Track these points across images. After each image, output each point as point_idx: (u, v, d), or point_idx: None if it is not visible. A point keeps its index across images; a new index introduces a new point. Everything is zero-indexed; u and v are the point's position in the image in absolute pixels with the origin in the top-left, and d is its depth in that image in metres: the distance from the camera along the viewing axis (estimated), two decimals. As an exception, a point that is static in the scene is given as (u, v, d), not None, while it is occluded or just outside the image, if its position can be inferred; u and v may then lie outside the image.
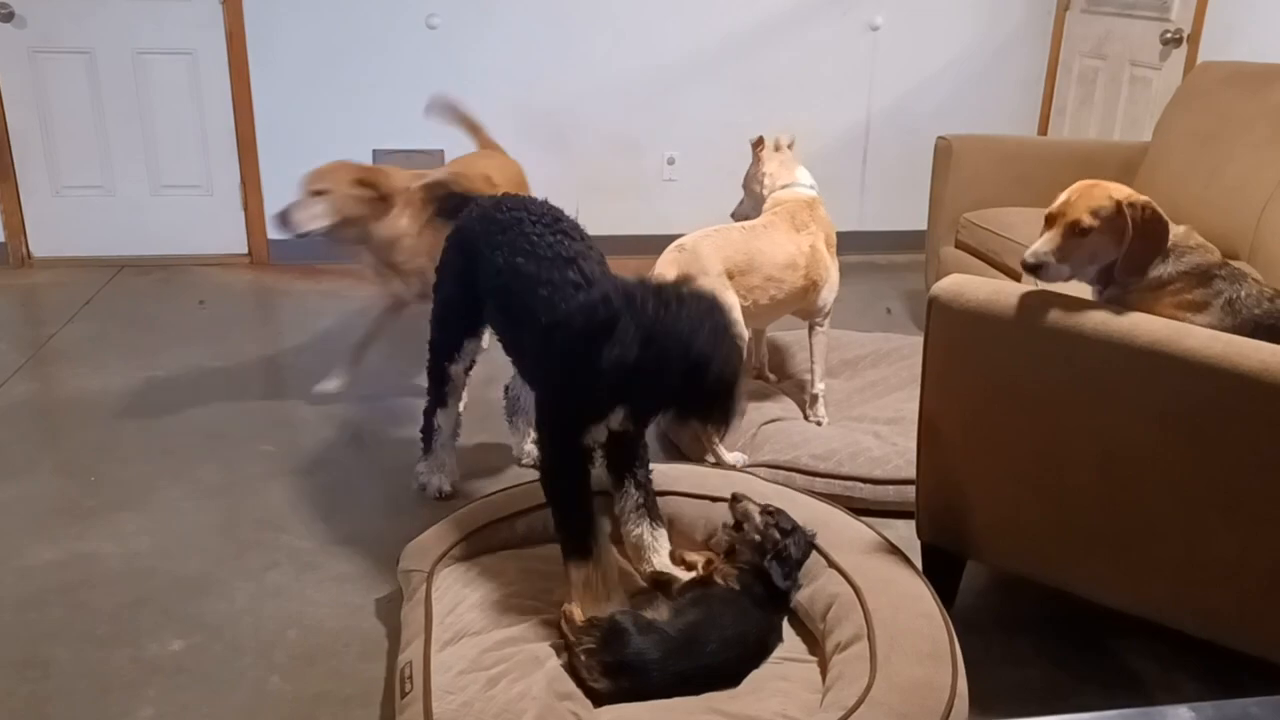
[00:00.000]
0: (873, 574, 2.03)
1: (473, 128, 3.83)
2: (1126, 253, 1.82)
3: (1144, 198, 1.86)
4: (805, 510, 2.28)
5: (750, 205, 3.21)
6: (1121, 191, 1.87)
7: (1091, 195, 1.83)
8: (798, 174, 3.12)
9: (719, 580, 2.03)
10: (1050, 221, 1.86)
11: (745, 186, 3.25)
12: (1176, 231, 1.98)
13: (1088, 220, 1.80)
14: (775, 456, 2.83)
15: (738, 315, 2.77)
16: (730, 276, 2.77)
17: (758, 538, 2.06)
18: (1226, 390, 1.69)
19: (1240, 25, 3.91)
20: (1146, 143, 3.88)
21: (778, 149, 3.17)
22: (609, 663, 1.81)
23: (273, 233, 4.72)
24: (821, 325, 3.06)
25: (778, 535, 2.06)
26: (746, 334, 2.81)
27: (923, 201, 4.14)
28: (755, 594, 2.01)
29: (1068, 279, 1.82)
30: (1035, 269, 1.80)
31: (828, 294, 3.03)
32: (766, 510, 2.12)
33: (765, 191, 3.10)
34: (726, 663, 1.88)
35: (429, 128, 4.76)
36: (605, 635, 1.84)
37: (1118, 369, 1.80)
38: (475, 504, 2.35)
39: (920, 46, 5.03)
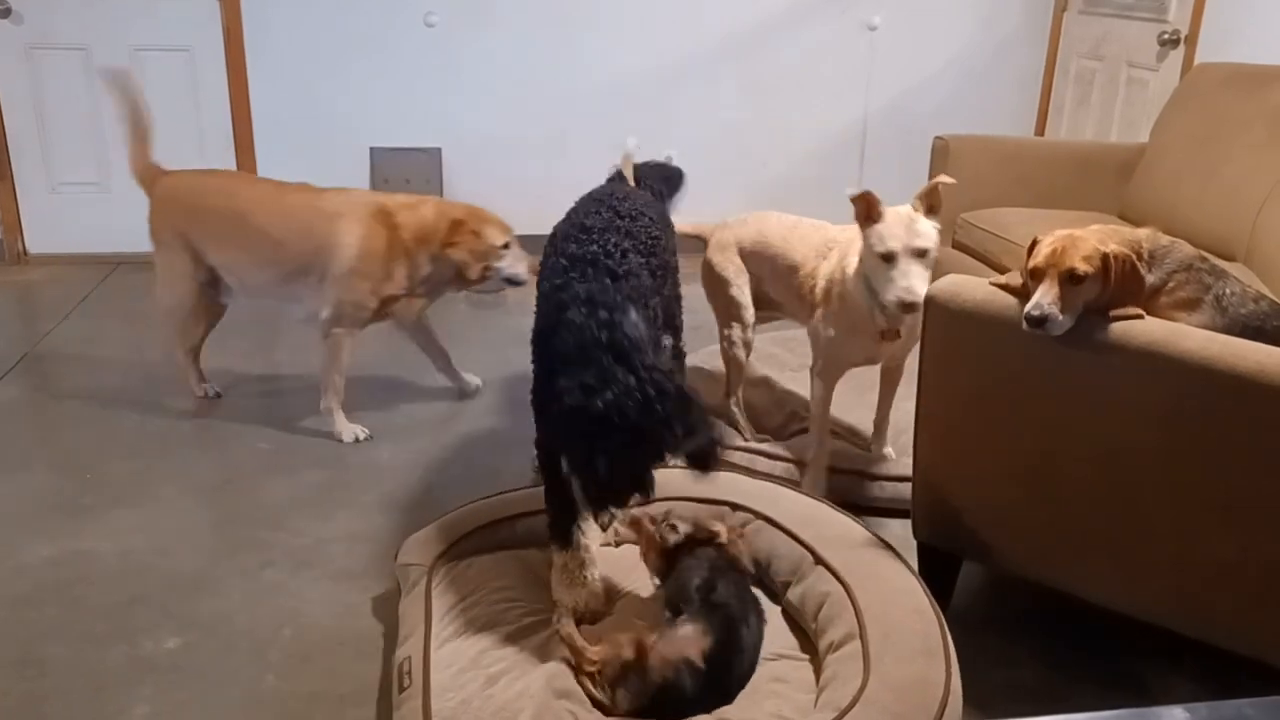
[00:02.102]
0: (861, 570, 2.03)
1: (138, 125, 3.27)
2: (1114, 294, 1.84)
3: (1122, 249, 1.88)
4: (793, 506, 2.28)
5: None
6: (1101, 241, 1.89)
7: (1079, 245, 1.85)
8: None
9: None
10: (1038, 275, 1.86)
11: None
12: (1141, 234, 1.99)
13: (1083, 267, 1.82)
14: (771, 448, 2.84)
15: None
16: (742, 254, 2.87)
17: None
18: (1223, 391, 1.69)
19: (1238, 27, 3.91)
20: (1143, 144, 3.88)
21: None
22: (646, 707, 1.77)
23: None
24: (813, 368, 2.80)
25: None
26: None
27: (920, 201, 4.14)
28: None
29: (1066, 330, 1.82)
30: (1040, 322, 1.81)
31: (810, 338, 2.75)
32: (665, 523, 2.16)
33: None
34: (741, 679, 1.86)
35: (427, 126, 4.78)
36: (658, 692, 1.76)
37: (1114, 370, 1.80)
38: (476, 504, 2.34)
39: (918, 46, 5.03)
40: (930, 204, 2.47)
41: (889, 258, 2.38)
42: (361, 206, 3.03)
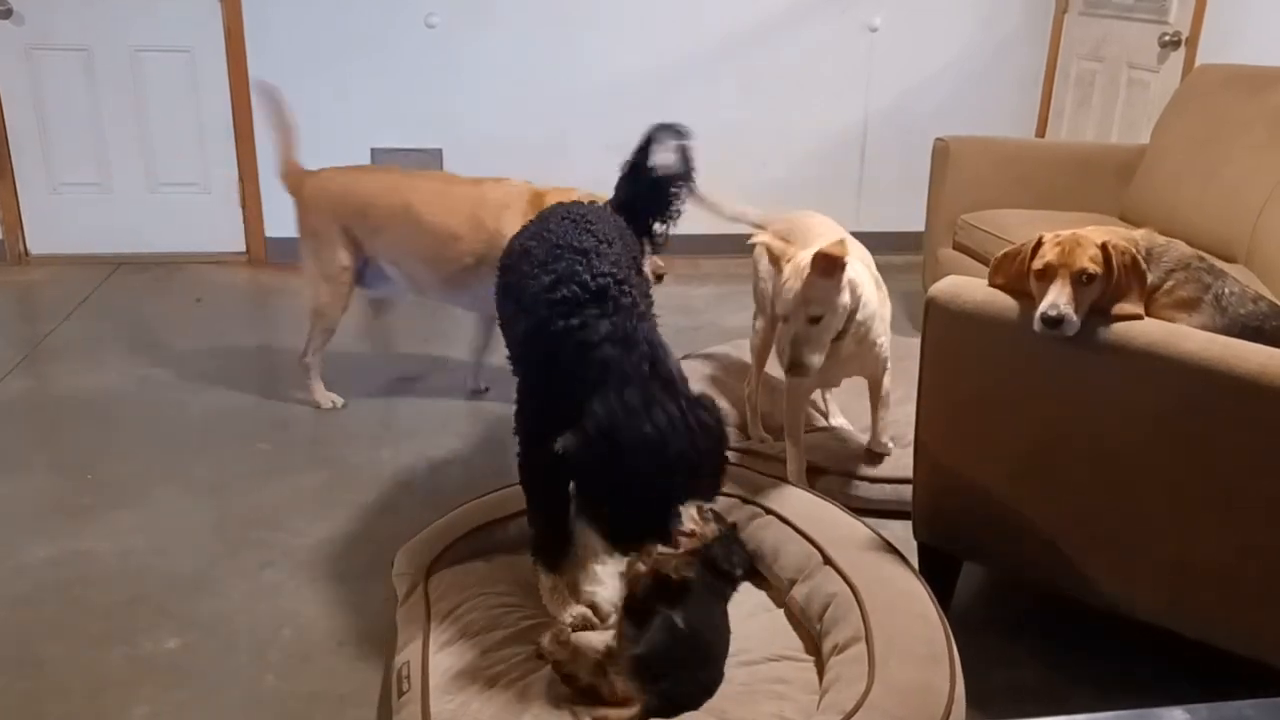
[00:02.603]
0: (869, 573, 2.02)
1: (285, 132, 3.29)
2: (1116, 289, 1.85)
3: (1124, 243, 1.88)
4: (802, 504, 2.28)
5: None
6: (1102, 237, 1.89)
7: (1085, 244, 1.86)
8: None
9: (671, 575, 1.94)
10: (1045, 275, 1.86)
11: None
12: (1138, 234, 1.99)
13: (1093, 268, 1.83)
14: (770, 448, 2.84)
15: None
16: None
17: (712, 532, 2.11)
18: (1223, 393, 1.69)
19: (1238, 28, 3.91)
20: (1144, 145, 3.88)
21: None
22: (640, 657, 1.75)
23: (271, 231, 4.76)
24: None
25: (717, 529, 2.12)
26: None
27: (920, 203, 4.14)
28: (706, 581, 1.99)
29: (1076, 330, 1.83)
30: (1057, 322, 1.81)
31: None
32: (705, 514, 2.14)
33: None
34: (720, 658, 1.87)
35: (427, 127, 4.78)
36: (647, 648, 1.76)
37: (1115, 371, 1.80)
38: (469, 505, 2.33)
39: (918, 48, 5.03)
40: (824, 268, 2.21)
41: (783, 317, 2.27)
42: (521, 196, 3.08)
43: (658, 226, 2.51)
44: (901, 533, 2.31)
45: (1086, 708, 0.93)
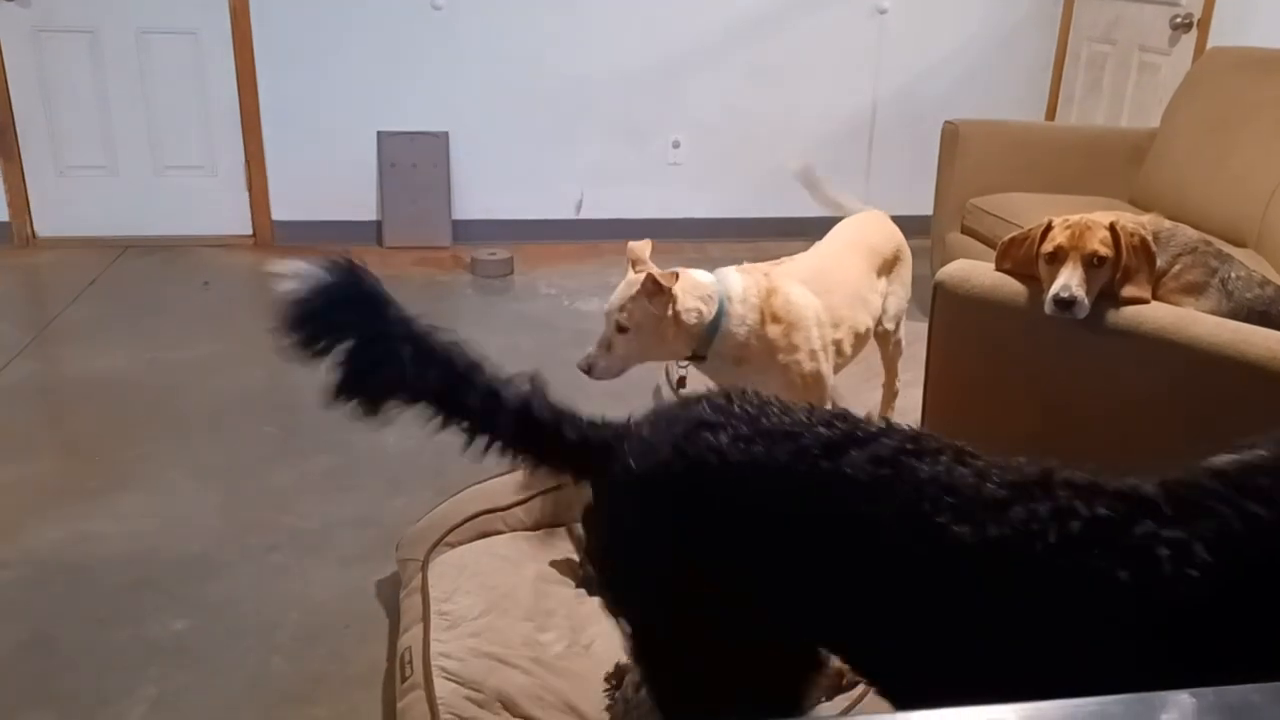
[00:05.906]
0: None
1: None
2: (1124, 271, 1.85)
3: (1133, 225, 1.88)
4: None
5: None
6: (1110, 220, 1.89)
7: (1096, 227, 1.86)
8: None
9: None
10: (1056, 258, 1.86)
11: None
12: (1144, 219, 1.99)
13: (1104, 250, 1.83)
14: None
15: None
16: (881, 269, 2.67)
17: None
18: (1232, 378, 1.68)
19: (1250, 11, 3.88)
20: (1154, 129, 3.86)
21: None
22: None
23: (277, 214, 4.75)
24: None
25: None
26: None
27: (929, 187, 4.12)
28: None
29: (1086, 313, 1.83)
30: (1070, 304, 1.81)
31: None
32: None
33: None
34: None
35: (434, 110, 4.77)
36: None
37: (1123, 356, 1.80)
38: (470, 490, 2.33)
39: (928, 31, 5.00)
40: (649, 290, 2.16)
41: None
42: None
43: None
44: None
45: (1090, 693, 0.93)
